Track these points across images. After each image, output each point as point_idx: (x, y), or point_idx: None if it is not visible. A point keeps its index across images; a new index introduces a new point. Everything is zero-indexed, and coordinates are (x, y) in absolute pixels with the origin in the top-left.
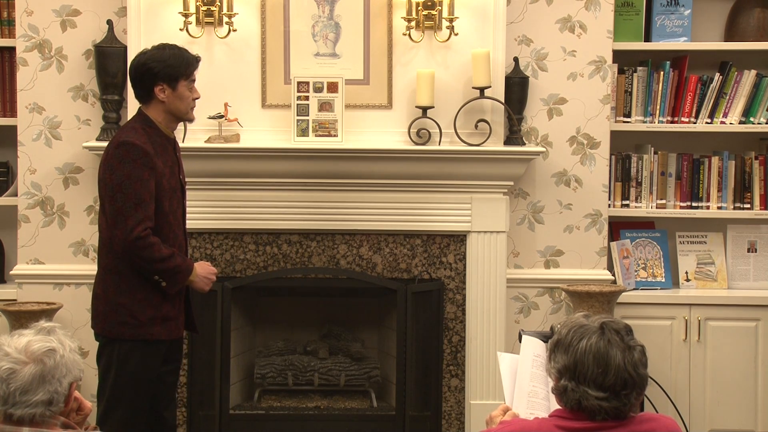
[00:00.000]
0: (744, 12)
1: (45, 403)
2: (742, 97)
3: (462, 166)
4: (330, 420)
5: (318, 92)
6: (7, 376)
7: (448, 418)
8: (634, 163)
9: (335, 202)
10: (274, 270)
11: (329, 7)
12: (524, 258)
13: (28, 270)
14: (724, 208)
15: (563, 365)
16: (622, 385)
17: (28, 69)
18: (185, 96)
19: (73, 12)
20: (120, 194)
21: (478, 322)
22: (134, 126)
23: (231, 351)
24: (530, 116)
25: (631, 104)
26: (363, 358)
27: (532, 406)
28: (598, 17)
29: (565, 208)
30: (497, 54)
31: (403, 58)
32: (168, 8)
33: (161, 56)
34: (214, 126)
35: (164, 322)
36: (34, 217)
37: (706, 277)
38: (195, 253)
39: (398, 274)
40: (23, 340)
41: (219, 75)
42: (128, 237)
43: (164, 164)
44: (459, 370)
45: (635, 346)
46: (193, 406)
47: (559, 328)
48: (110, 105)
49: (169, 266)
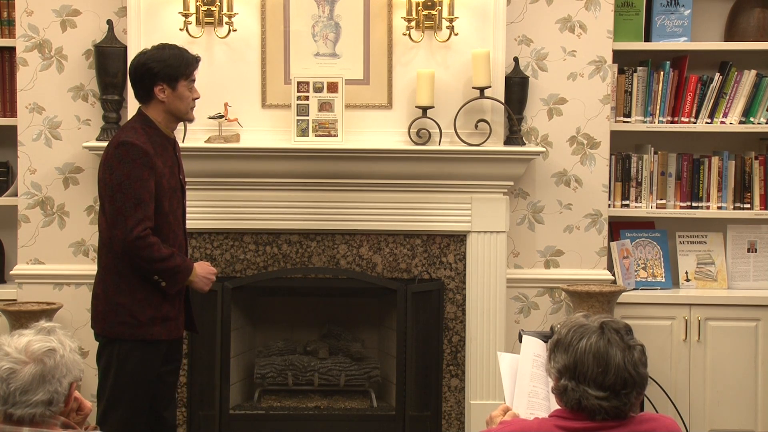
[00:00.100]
0: (744, 12)
1: (45, 403)
2: (742, 97)
3: (462, 166)
4: (330, 420)
5: (318, 92)
6: (7, 375)
7: (448, 418)
8: (634, 163)
9: (335, 202)
10: (274, 270)
11: (329, 7)
12: (524, 258)
13: (28, 270)
14: (724, 208)
15: (563, 365)
16: (622, 384)
17: (28, 69)
18: (185, 96)
19: (73, 12)
20: (120, 194)
21: (478, 322)
22: (134, 126)
23: (231, 351)
24: (530, 116)
25: (631, 104)
26: (363, 358)
27: (533, 406)
28: (598, 17)
29: (565, 208)
30: (497, 54)
31: (403, 58)
32: (168, 8)
33: (161, 56)
34: (214, 126)
35: (164, 322)
36: (34, 217)
37: (706, 277)
38: (195, 253)
39: (398, 274)
40: (23, 340)
41: (219, 75)
42: (128, 237)
43: (164, 164)
44: (459, 370)
45: (635, 346)
46: (193, 406)
47: (559, 328)
48: (110, 105)
49: (168, 266)
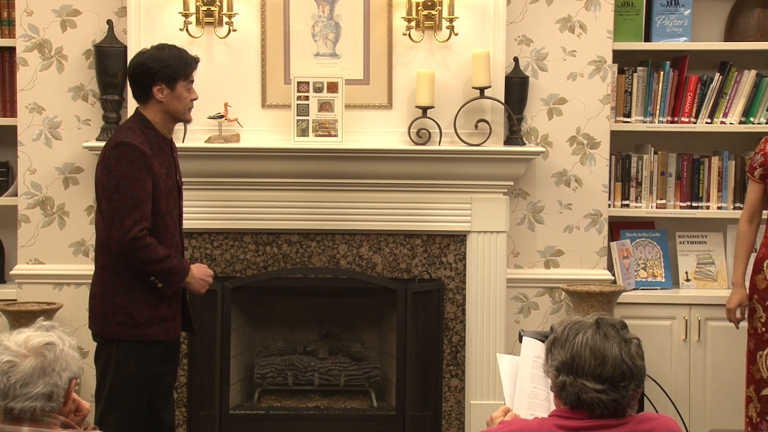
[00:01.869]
0: (744, 12)
1: (45, 396)
2: (742, 97)
3: (462, 166)
4: (330, 420)
5: (318, 92)
6: (7, 368)
7: (448, 418)
8: (634, 163)
9: (335, 202)
10: (274, 270)
11: (329, 7)
12: (524, 258)
13: (28, 270)
14: (724, 208)
15: (561, 361)
16: (620, 376)
17: (28, 69)
18: (183, 97)
19: (73, 12)
20: (117, 195)
21: (478, 322)
22: (131, 126)
23: (231, 351)
24: (530, 116)
25: (631, 104)
26: (363, 358)
27: (533, 407)
28: (598, 17)
29: (565, 208)
30: (497, 54)
31: (403, 58)
32: (168, 8)
33: (160, 56)
34: (214, 126)
35: (161, 322)
36: (34, 217)
37: (706, 277)
38: (195, 254)
39: (398, 274)
40: (23, 335)
41: (219, 75)
42: (125, 237)
43: (161, 165)
44: (459, 370)
45: (631, 339)
46: (193, 406)
47: (555, 327)
48: (110, 105)
49: (165, 267)
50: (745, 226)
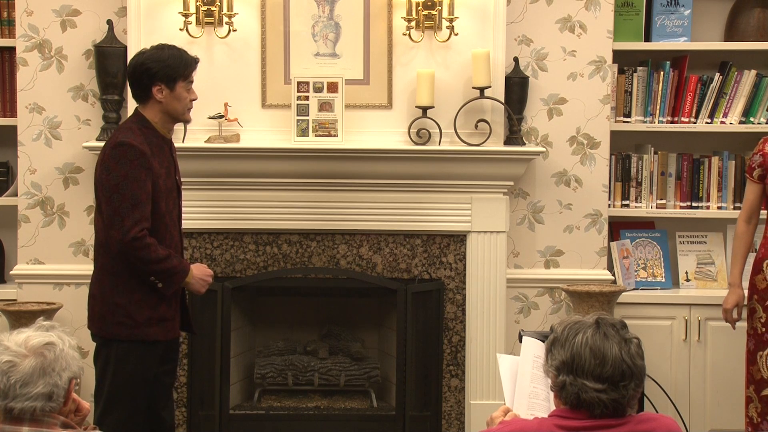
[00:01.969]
0: (744, 12)
1: (45, 396)
2: (742, 97)
3: (462, 166)
4: (330, 420)
5: (318, 92)
6: (7, 368)
7: (448, 418)
8: (634, 163)
9: (335, 202)
10: (274, 270)
11: (329, 7)
12: (524, 258)
13: (28, 270)
14: (724, 208)
15: (561, 361)
16: (620, 375)
17: (28, 69)
18: (183, 97)
19: (73, 12)
20: (117, 195)
21: (478, 322)
22: (131, 126)
23: (231, 351)
24: (530, 116)
25: (631, 104)
26: (363, 358)
27: (533, 407)
28: (598, 17)
29: (565, 208)
30: (497, 54)
31: (403, 58)
32: (168, 8)
33: (160, 56)
34: (214, 126)
35: (161, 322)
36: (34, 217)
37: (706, 277)
38: (195, 254)
39: (398, 274)
40: (23, 335)
41: (219, 75)
42: (125, 238)
43: (160, 165)
44: (459, 370)
45: (631, 339)
46: (193, 406)
47: (555, 327)
48: (110, 105)
49: (165, 267)
50: (743, 226)
